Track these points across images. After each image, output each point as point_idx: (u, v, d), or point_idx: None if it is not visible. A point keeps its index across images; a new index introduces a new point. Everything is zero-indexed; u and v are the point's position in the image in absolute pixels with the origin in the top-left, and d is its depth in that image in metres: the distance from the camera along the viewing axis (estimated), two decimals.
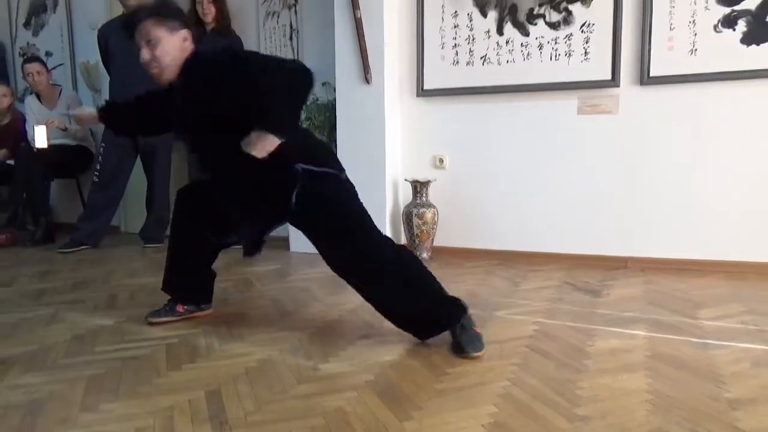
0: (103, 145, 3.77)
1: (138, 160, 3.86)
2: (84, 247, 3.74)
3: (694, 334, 1.96)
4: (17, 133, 4.22)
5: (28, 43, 4.68)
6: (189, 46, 1.91)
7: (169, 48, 1.86)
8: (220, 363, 1.78)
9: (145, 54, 1.87)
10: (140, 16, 1.88)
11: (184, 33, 1.90)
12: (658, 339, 1.92)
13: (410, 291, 1.86)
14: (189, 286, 2.21)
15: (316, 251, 1.92)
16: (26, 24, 4.67)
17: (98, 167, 3.76)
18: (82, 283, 2.87)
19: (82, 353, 1.88)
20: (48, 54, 4.56)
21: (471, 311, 1.89)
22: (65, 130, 3.99)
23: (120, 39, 3.72)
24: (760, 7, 2.68)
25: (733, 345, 1.85)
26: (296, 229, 1.97)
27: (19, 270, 3.20)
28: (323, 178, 1.85)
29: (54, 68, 4.48)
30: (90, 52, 4.24)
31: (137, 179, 3.92)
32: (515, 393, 1.52)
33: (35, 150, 3.87)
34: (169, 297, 2.22)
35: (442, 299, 1.89)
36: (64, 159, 4.09)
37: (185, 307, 2.21)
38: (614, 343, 1.89)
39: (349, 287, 1.95)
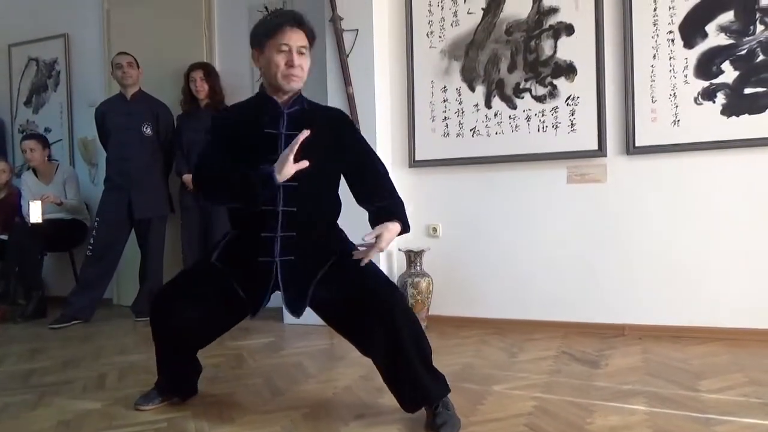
0: (97, 219, 3.79)
1: (132, 233, 3.87)
2: (76, 321, 3.69)
3: (695, 408, 1.92)
4: (12, 207, 4.24)
5: (27, 121, 4.78)
6: None
7: (306, 68, 1.93)
8: None
9: (297, 59, 1.88)
10: (308, 23, 1.93)
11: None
12: (659, 414, 1.87)
13: (418, 349, 1.80)
14: (184, 383, 2.15)
15: (309, 323, 1.90)
16: (27, 102, 4.79)
17: (92, 241, 3.76)
18: (72, 361, 2.81)
19: None
20: (47, 130, 4.65)
21: (469, 386, 1.86)
22: (60, 204, 4.02)
23: (116, 117, 3.84)
24: (737, 80, 2.78)
25: (736, 420, 1.81)
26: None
27: (9, 348, 3.13)
28: (346, 239, 2.03)
29: (52, 144, 4.56)
30: (88, 128, 4.33)
31: (131, 252, 3.92)
32: None
33: (30, 225, 3.88)
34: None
35: (435, 369, 1.86)
36: (59, 233, 4.09)
37: None
38: (614, 420, 1.84)
39: (344, 362, 1.92)
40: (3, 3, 4.81)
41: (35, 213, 3.83)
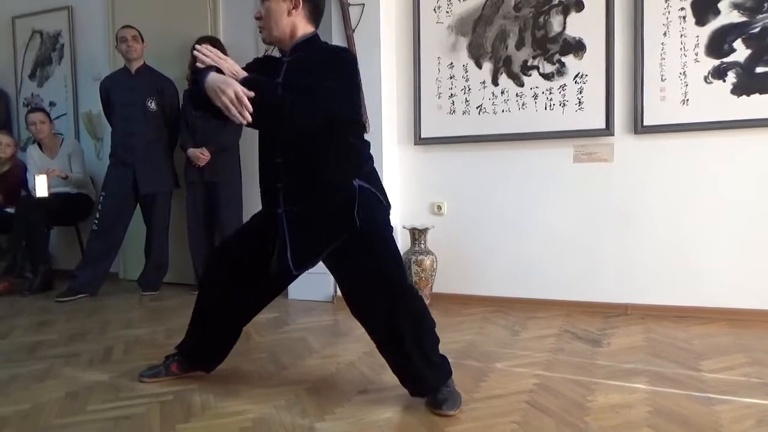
0: (103, 193, 3.80)
1: (137, 208, 3.88)
2: (82, 295, 3.72)
3: (696, 387, 1.93)
4: (16, 180, 4.26)
5: (32, 94, 4.76)
6: (301, 21, 1.85)
7: (274, 11, 1.82)
8: (215, 422, 1.75)
9: (259, 10, 1.86)
10: None
11: (293, 2, 1.82)
12: (660, 393, 1.89)
13: (418, 341, 1.80)
14: (210, 355, 2.13)
15: (314, 299, 1.90)
16: (31, 76, 4.76)
17: (97, 215, 3.77)
18: (78, 334, 2.84)
19: (74, 413, 1.85)
20: (51, 104, 4.64)
21: (471, 363, 1.87)
22: (66, 178, 4.03)
23: (121, 91, 3.82)
24: (748, 59, 2.74)
25: (736, 400, 1.82)
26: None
27: (16, 321, 3.17)
28: (377, 206, 1.87)
29: (57, 118, 4.55)
30: (93, 102, 4.31)
31: (136, 226, 3.93)
32: None
33: (36, 199, 3.89)
34: (170, 355, 2.15)
35: (436, 360, 1.85)
36: (65, 207, 4.11)
37: (180, 367, 2.13)
38: (615, 398, 1.86)
39: (347, 337, 1.93)
40: None
41: (41, 187, 3.84)
